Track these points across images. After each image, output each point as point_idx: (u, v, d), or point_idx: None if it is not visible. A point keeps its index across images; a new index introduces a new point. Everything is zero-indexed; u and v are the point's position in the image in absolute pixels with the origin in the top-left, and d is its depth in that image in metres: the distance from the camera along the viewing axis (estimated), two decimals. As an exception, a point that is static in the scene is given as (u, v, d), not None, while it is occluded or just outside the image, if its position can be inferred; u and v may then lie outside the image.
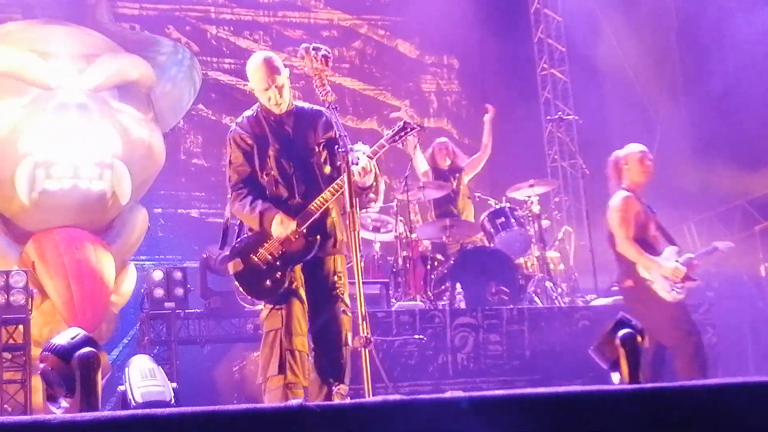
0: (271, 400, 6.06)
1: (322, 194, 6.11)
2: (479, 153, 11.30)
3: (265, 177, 6.26)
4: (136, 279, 11.93)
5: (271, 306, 6.17)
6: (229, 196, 6.41)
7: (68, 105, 11.28)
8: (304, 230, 6.14)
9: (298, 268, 6.19)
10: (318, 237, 6.18)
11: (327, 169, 6.28)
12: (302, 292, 6.18)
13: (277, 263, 6.15)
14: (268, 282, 6.16)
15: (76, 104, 11.30)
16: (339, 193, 6.04)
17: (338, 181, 6.03)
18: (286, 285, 6.12)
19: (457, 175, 11.02)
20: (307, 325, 6.18)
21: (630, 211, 7.78)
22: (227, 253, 6.49)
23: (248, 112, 6.44)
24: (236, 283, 6.35)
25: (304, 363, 6.13)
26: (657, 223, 8.02)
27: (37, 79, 11.33)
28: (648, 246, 7.83)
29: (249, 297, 6.54)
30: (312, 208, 6.12)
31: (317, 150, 6.29)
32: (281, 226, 6.08)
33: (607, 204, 7.98)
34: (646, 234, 7.87)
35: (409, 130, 6.29)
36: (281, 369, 6.05)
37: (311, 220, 6.13)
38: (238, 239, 6.36)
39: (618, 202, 7.84)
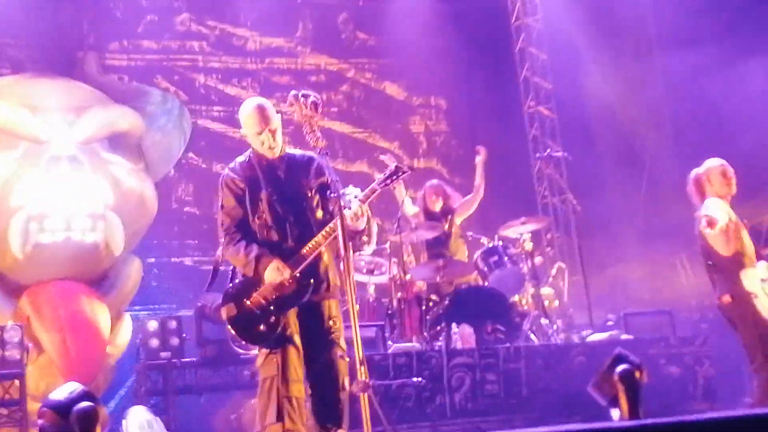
0: None
1: (315, 238, 6.12)
2: (472, 194, 11.30)
3: (256, 221, 6.27)
4: (132, 329, 11.89)
5: (267, 352, 6.16)
6: (221, 240, 6.42)
7: (59, 158, 11.29)
8: (298, 274, 6.14)
9: (292, 313, 6.18)
10: (311, 281, 6.19)
11: (319, 214, 6.29)
12: (297, 339, 6.17)
13: (271, 308, 6.14)
14: (262, 327, 6.15)
15: (68, 157, 11.32)
16: (332, 236, 6.06)
17: (331, 224, 6.05)
18: (280, 330, 6.11)
19: (449, 216, 11.02)
20: (303, 371, 6.18)
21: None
22: (220, 300, 6.48)
23: (241, 158, 6.47)
24: (230, 328, 6.33)
25: (302, 409, 6.12)
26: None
27: (28, 133, 11.35)
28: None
29: (243, 342, 6.54)
30: (305, 252, 6.13)
31: (309, 195, 6.31)
32: (276, 272, 6.08)
33: (699, 216, 7.66)
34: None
35: (400, 173, 6.30)
36: (279, 417, 6.04)
37: (305, 264, 6.14)
38: (231, 284, 6.36)
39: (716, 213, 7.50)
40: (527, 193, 14.56)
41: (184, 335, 10.53)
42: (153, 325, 10.51)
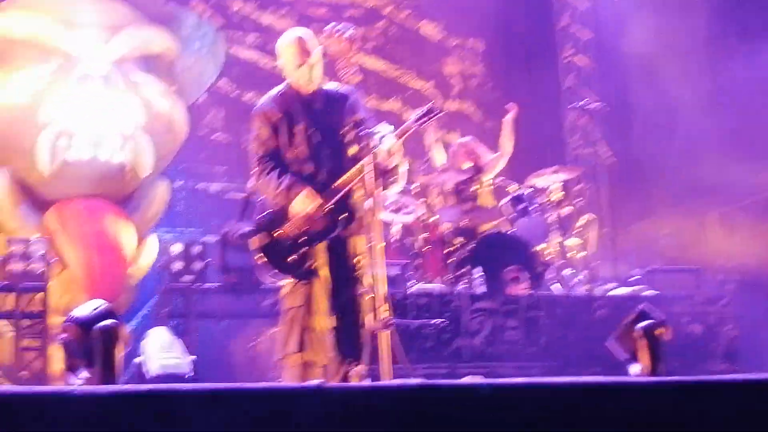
0: (289, 378, 6.08)
1: (348, 172, 6.09)
2: (498, 154, 11.17)
3: (291, 153, 6.24)
4: (156, 251, 11.93)
5: (293, 283, 6.16)
6: (253, 170, 6.39)
7: (92, 75, 11.27)
8: (331, 205, 6.13)
9: (321, 246, 6.17)
10: (342, 215, 6.17)
11: (354, 149, 6.25)
12: (325, 271, 6.16)
13: (301, 240, 6.14)
14: (291, 258, 6.15)
15: (100, 75, 11.29)
16: (364, 172, 6.03)
17: (364, 160, 6.01)
18: (309, 262, 6.11)
19: (477, 176, 10.91)
20: (328, 304, 6.17)
21: None
22: (249, 228, 6.48)
23: (277, 89, 6.43)
24: (260, 257, 6.33)
25: (323, 342, 6.13)
26: None
27: (61, 48, 11.31)
28: None
29: (273, 272, 6.53)
30: (337, 186, 6.11)
31: (345, 130, 6.27)
32: (307, 201, 6.07)
33: None
34: None
35: (435, 113, 6.26)
36: (300, 346, 6.06)
37: (337, 197, 6.11)
38: (262, 214, 6.35)
39: None
40: (559, 141, 14.45)
41: (208, 260, 10.56)
42: (177, 248, 10.52)
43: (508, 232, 10.36)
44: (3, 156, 11.34)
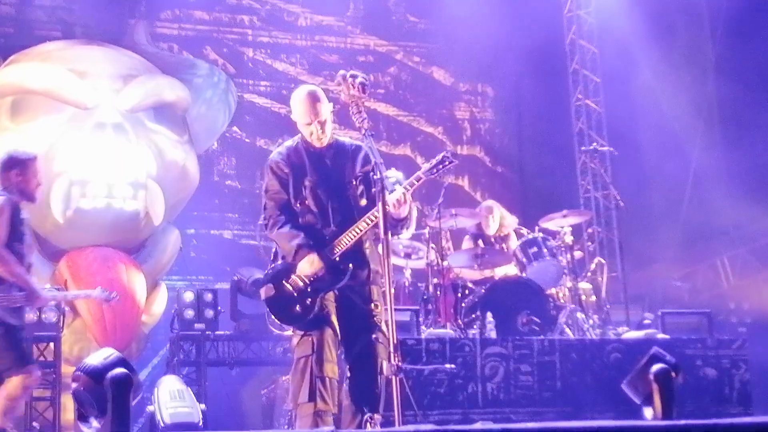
0: (301, 427, 6.06)
1: (357, 225, 6.11)
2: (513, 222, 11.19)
3: (298, 206, 6.27)
4: (167, 299, 11.95)
5: (302, 333, 6.17)
6: (261, 222, 6.43)
7: (104, 125, 11.36)
8: (337, 258, 6.14)
9: (330, 295, 6.18)
10: (350, 265, 6.17)
11: (363, 202, 6.27)
12: (334, 319, 6.16)
13: (308, 290, 6.15)
14: (297, 308, 6.16)
15: (113, 124, 11.38)
16: (373, 224, 6.05)
17: (373, 212, 6.03)
18: (315, 311, 6.11)
19: (503, 245, 10.91)
20: (337, 352, 6.17)
21: None
22: (260, 277, 6.51)
23: (289, 143, 6.47)
24: (267, 308, 6.35)
25: (334, 390, 6.12)
26: None
27: (75, 99, 11.41)
28: None
29: (279, 323, 6.55)
30: (346, 239, 6.13)
31: (354, 183, 6.29)
32: (309, 266, 6.10)
33: None
34: None
35: (447, 163, 6.27)
36: (311, 396, 6.04)
37: (343, 249, 6.13)
38: (272, 265, 6.37)
39: None
40: (570, 186, 14.47)
41: (219, 308, 10.58)
42: (189, 296, 10.56)
43: (520, 277, 10.34)
44: (16, 206, 11.39)
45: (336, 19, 14.79)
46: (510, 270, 10.55)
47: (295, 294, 6.16)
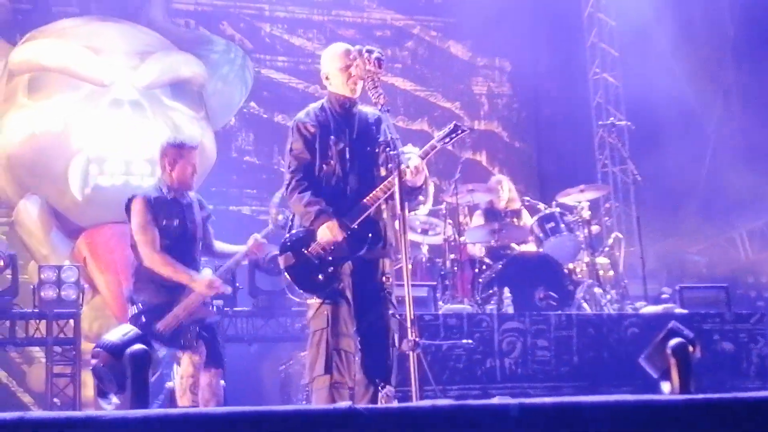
0: (317, 400, 6.08)
1: (374, 192, 6.11)
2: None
3: (324, 168, 6.26)
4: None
5: (318, 305, 6.17)
6: (285, 182, 6.41)
7: (121, 101, 11.38)
8: (356, 226, 6.14)
9: (346, 267, 6.18)
10: (369, 235, 6.18)
11: (383, 171, 6.27)
12: (348, 294, 6.17)
13: (329, 258, 6.16)
14: (320, 276, 6.16)
15: (129, 101, 11.40)
16: (390, 191, 6.05)
17: (389, 179, 6.04)
18: (335, 282, 6.13)
19: (515, 219, 10.89)
20: (353, 326, 6.18)
21: None
22: (277, 253, 6.49)
23: (315, 105, 6.47)
24: (287, 276, 6.34)
25: (350, 363, 6.13)
26: None
27: (91, 75, 11.43)
28: None
29: (300, 291, 6.54)
30: (364, 204, 6.13)
31: (377, 150, 6.30)
32: (328, 233, 6.09)
33: None
34: None
35: (460, 132, 6.28)
36: (327, 369, 6.05)
37: (363, 216, 6.13)
38: (290, 233, 6.37)
39: None
40: (587, 160, 14.43)
41: (238, 284, 10.60)
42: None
43: (537, 252, 10.33)
44: (35, 183, 11.46)
45: (353, -8, 14.78)
46: (529, 247, 10.55)
47: (316, 262, 6.17)
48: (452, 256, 10.23)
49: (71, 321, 9.64)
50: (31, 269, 11.10)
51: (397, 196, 5.79)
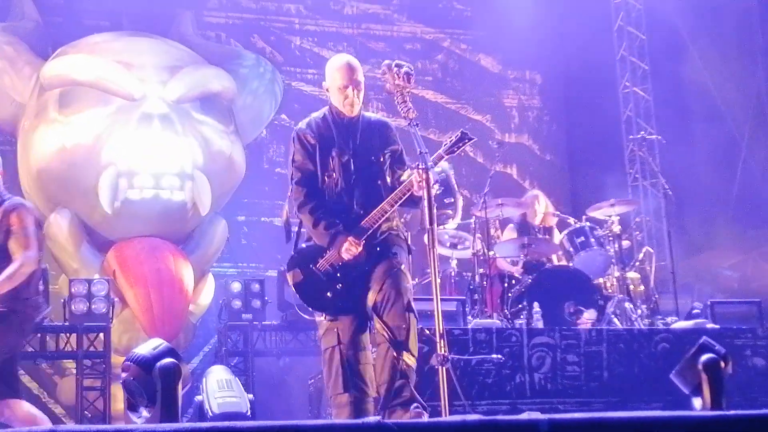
0: (338, 416, 6.06)
1: (382, 205, 6.07)
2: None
3: (326, 180, 6.24)
4: (215, 289, 12.02)
5: (327, 323, 6.14)
6: (292, 195, 6.40)
7: (151, 116, 11.41)
8: (363, 240, 6.11)
9: (356, 279, 6.13)
10: (378, 248, 6.16)
11: (388, 180, 6.24)
12: (361, 305, 6.12)
13: (338, 274, 6.13)
14: (328, 293, 6.14)
15: (159, 115, 11.43)
16: (397, 204, 6.04)
17: (397, 191, 6.02)
18: (347, 296, 6.10)
19: (548, 236, 10.87)
20: (367, 334, 6.15)
21: None
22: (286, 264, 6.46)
23: (316, 114, 6.45)
24: (296, 294, 6.32)
25: (368, 374, 6.09)
26: None
27: (121, 90, 11.47)
28: None
29: (309, 308, 6.53)
30: (371, 219, 6.08)
31: (381, 159, 6.27)
32: (351, 250, 6.06)
33: None
34: None
35: (467, 140, 6.22)
36: (345, 387, 6.03)
37: (371, 230, 6.10)
38: (296, 249, 6.34)
39: None
40: (618, 174, 14.36)
41: (267, 298, 10.62)
42: (236, 286, 10.62)
43: (567, 266, 10.29)
44: (65, 197, 11.52)
45: (382, 7, 14.82)
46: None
47: (324, 279, 6.14)
48: (481, 270, 10.21)
49: (101, 334, 9.68)
50: (61, 282, 11.16)
51: (426, 210, 5.78)
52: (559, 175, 14.94)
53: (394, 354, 5.97)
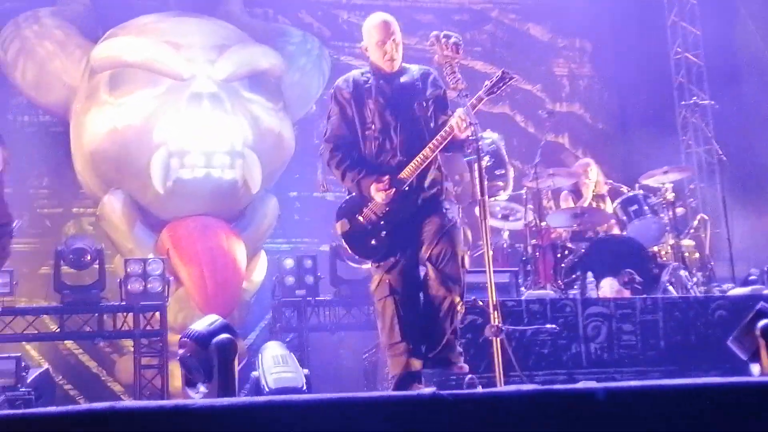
0: (394, 366, 6.07)
1: (423, 151, 6.04)
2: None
3: (366, 131, 6.24)
4: (269, 266, 12.07)
5: (379, 276, 6.16)
6: (320, 151, 6.45)
7: (201, 95, 11.45)
8: (407, 188, 6.09)
9: (401, 228, 6.13)
10: (429, 201, 6.16)
11: (432, 124, 6.21)
12: (409, 252, 6.13)
13: (382, 222, 6.13)
14: (373, 241, 6.14)
15: (209, 94, 11.47)
16: (439, 149, 6.00)
17: (439, 135, 5.97)
18: (392, 243, 6.10)
19: (600, 203, 10.80)
20: (416, 281, 6.16)
21: None
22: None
23: (356, 71, 6.45)
24: (343, 242, 6.34)
25: (418, 327, 6.10)
26: None
27: (171, 70, 11.53)
28: None
29: (356, 256, 6.55)
30: (413, 165, 6.06)
31: (425, 105, 6.23)
32: (379, 197, 6.06)
33: None
34: None
35: (507, 80, 6.15)
36: (402, 336, 6.04)
37: (413, 176, 6.07)
38: (344, 200, 6.36)
39: None
40: (671, 141, 14.21)
41: (319, 274, 10.65)
42: (289, 263, 10.65)
43: (621, 235, 10.21)
44: (118, 178, 11.62)
45: (429, -22, 14.74)
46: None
47: (369, 227, 6.15)
48: (534, 241, 10.16)
49: (157, 313, 9.77)
50: (116, 262, 11.27)
51: (478, 183, 5.77)
52: (611, 143, 14.78)
53: (454, 300, 5.98)
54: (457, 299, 5.99)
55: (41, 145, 12.59)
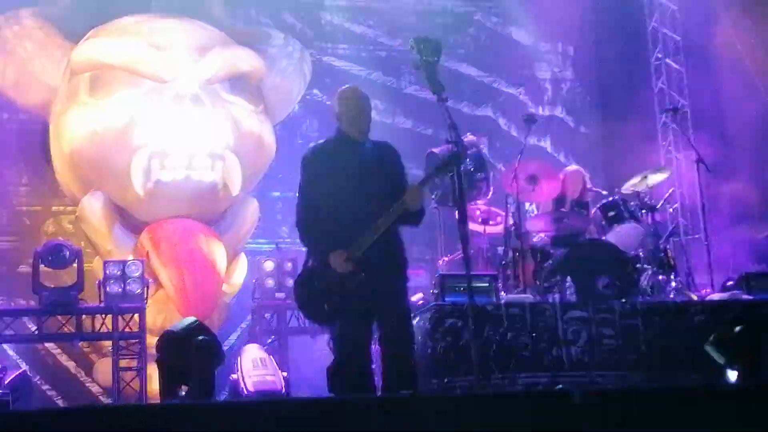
0: None
1: (380, 219, 6.16)
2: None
3: (332, 201, 6.34)
4: (249, 267, 12.05)
5: (335, 331, 6.33)
6: (296, 219, 6.55)
7: (182, 96, 11.43)
8: (361, 255, 6.18)
9: (354, 288, 6.23)
10: (382, 260, 6.26)
11: (389, 199, 6.31)
12: (365, 312, 6.25)
13: (337, 287, 6.22)
14: (325, 306, 6.25)
15: (190, 96, 11.44)
16: (393, 220, 6.22)
17: (392, 209, 6.18)
18: (345, 308, 6.21)
19: (584, 212, 10.80)
20: (369, 347, 6.38)
21: None
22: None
23: (323, 141, 6.62)
24: (300, 310, 6.54)
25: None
26: None
27: (153, 72, 11.50)
28: None
29: (315, 323, 6.77)
30: (370, 235, 6.17)
31: (388, 178, 6.42)
32: (339, 266, 6.16)
33: None
34: None
35: (456, 163, 6.28)
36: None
37: (366, 246, 6.19)
38: (302, 269, 6.50)
39: None
40: (651, 146, 14.25)
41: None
42: (269, 265, 10.66)
43: (600, 240, 10.23)
44: (98, 179, 11.58)
45: (413, -20, 14.75)
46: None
47: (326, 292, 6.22)
48: (513, 245, 10.16)
49: (136, 315, 9.74)
50: (95, 263, 11.23)
51: (456, 186, 5.81)
52: (593, 147, 14.82)
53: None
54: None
55: (21, 142, 12.56)
